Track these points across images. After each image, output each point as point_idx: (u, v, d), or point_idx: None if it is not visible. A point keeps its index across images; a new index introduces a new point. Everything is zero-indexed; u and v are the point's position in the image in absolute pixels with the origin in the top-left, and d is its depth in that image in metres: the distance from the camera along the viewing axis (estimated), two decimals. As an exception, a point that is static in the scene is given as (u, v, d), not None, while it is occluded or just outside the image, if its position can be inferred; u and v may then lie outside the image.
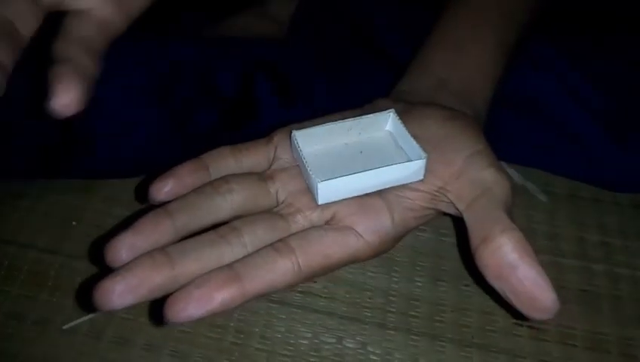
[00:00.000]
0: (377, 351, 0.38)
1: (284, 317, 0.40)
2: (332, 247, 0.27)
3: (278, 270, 0.25)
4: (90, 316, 0.39)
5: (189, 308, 0.24)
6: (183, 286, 0.24)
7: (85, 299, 0.39)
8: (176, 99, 0.44)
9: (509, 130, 0.44)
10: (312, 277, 0.27)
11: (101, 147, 0.43)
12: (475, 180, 0.28)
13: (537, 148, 0.45)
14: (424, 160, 0.28)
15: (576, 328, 0.40)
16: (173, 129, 0.44)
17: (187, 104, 0.44)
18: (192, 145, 0.46)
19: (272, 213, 0.28)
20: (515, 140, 0.45)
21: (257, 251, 0.26)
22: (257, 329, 0.39)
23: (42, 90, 0.41)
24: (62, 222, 0.44)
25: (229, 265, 0.25)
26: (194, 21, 0.46)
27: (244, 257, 0.26)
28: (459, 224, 0.42)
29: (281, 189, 0.29)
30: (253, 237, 0.26)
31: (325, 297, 0.41)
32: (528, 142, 0.45)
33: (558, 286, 0.42)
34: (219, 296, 0.24)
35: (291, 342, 0.39)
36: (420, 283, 0.42)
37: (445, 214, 0.30)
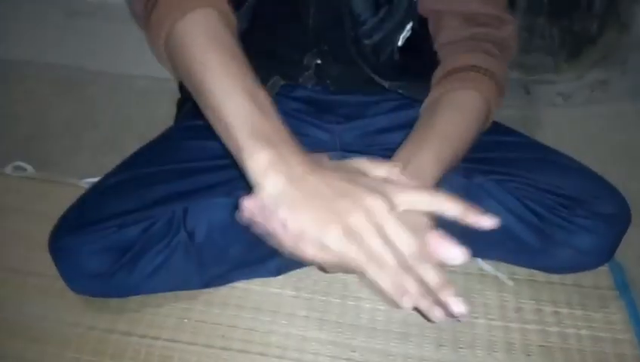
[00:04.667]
0: (402, 397, 0.56)
1: (336, 377, 0.58)
2: None
3: None
4: (207, 383, 0.57)
5: None
6: None
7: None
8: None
9: (482, 239, 0.64)
10: None
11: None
12: None
13: (502, 249, 0.65)
14: None
15: (538, 373, 0.59)
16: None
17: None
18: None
19: None
20: (486, 245, 0.65)
21: None
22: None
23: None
24: (176, 319, 0.63)
25: None
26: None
27: None
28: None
29: None
30: None
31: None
32: (495, 245, 0.65)
33: (524, 344, 0.60)
34: None
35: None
36: (428, 348, 0.60)
37: None
